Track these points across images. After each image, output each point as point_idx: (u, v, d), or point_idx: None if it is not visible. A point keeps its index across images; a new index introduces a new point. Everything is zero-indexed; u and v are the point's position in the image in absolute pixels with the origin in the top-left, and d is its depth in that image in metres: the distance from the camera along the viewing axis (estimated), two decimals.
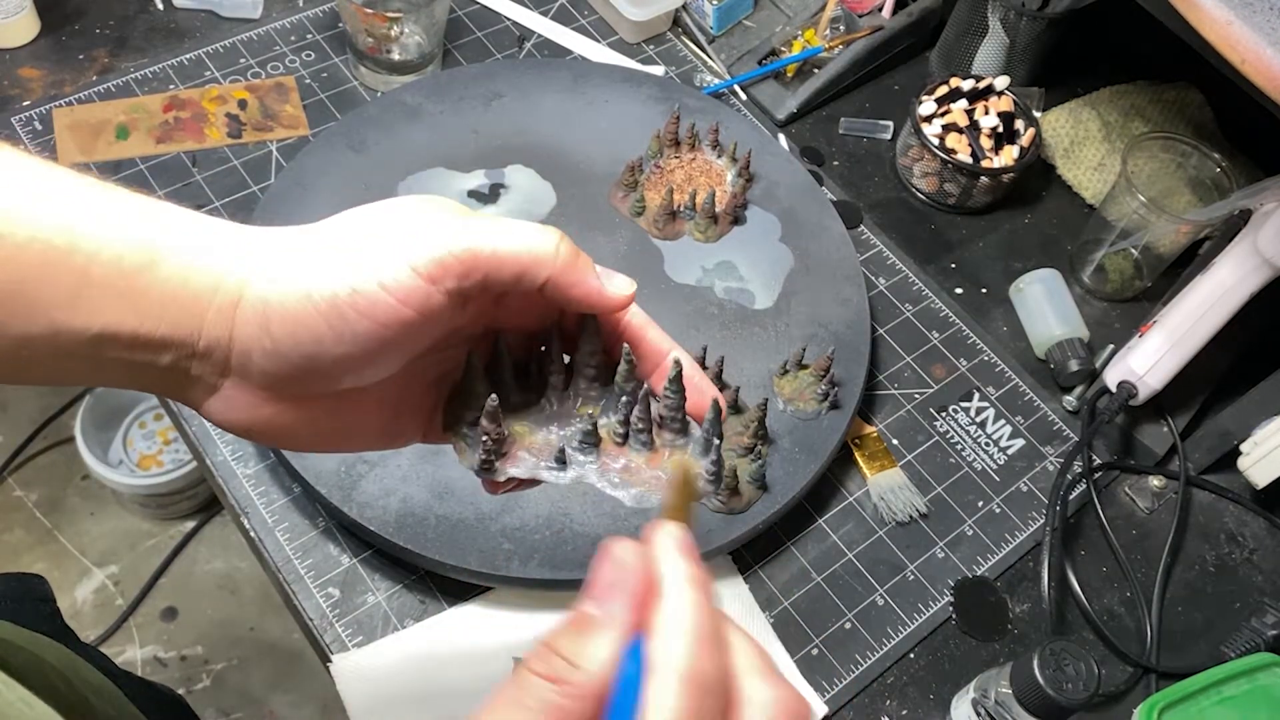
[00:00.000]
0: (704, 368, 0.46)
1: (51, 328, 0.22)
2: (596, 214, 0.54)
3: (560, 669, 0.18)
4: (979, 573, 0.49)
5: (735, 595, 0.46)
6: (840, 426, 0.48)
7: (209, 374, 0.24)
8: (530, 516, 0.44)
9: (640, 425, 0.27)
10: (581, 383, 0.28)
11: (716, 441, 0.28)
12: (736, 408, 0.47)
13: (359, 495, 0.44)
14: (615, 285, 0.25)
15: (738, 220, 0.55)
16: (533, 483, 0.28)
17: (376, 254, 0.22)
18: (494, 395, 0.26)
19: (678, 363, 0.27)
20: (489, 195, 0.54)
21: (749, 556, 0.48)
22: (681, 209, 0.54)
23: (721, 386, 0.47)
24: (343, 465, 0.45)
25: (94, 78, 0.57)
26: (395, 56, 0.58)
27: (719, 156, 0.56)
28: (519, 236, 0.23)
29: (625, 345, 0.27)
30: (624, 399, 0.27)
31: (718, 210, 0.54)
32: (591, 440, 0.27)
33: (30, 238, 0.21)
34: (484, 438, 0.26)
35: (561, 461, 0.27)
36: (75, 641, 0.47)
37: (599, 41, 0.65)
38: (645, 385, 0.27)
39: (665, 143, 0.55)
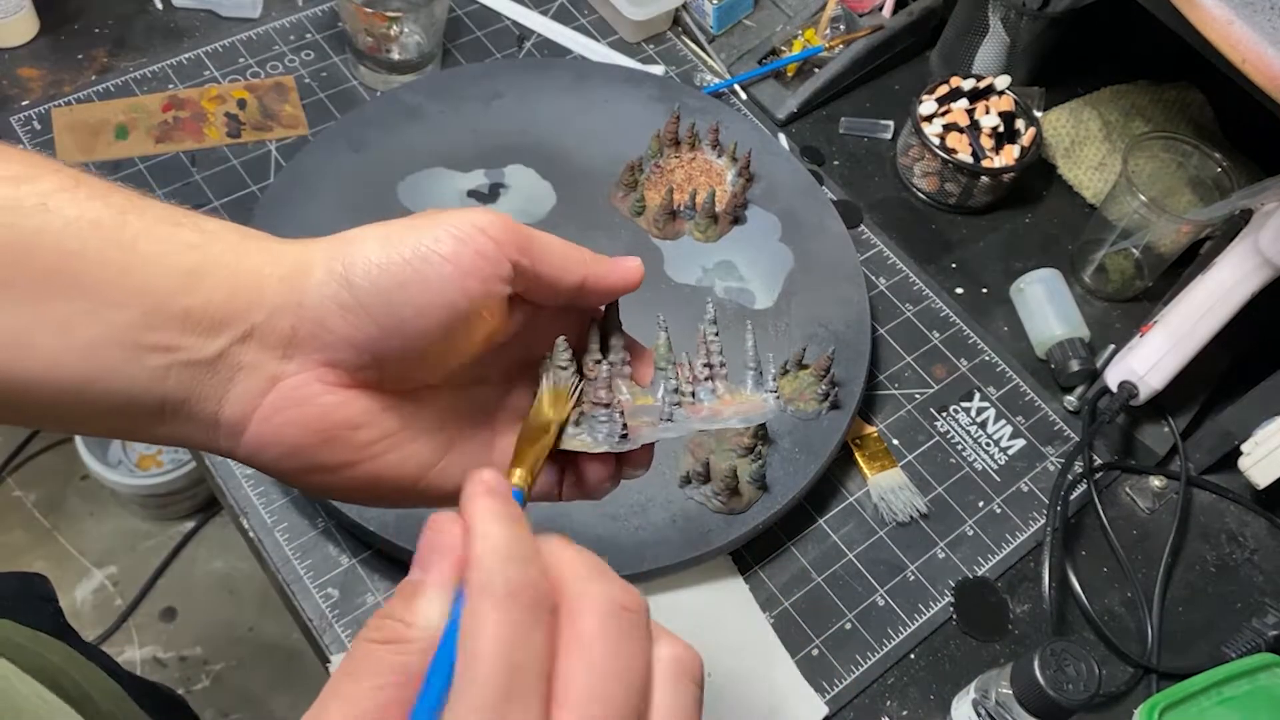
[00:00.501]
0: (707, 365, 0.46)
1: (95, 303, 0.20)
2: (596, 214, 0.54)
3: (395, 631, 0.18)
4: (979, 573, 0.49)
5: (735, 594, 0.46)
6: (840, 426, 0.48)
7: (266, 359, 0.22)
8: (531, 517, 0.44)
9: (701, 379, 0.29)
10: (627, 371, 0.28)
11: (762, 368, 0.29)
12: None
13: None
14: (630, 264, 0.26)
15: (738, 220, 0.55)
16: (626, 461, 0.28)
17: (446, 218, 0.23)
18: (600, 361, 0.27)
19: (712, 307, 0.29)
20: (488, 195, 0.54)
21: (749, 557, 0.48)
22: (681, 209, 0.54)
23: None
24: None
25: (93, 77, 0.57)
26: (395, 56, 0.58)
27: (719, 156, 0.56)
28: (557, 240, 0.25)
29: (661, 318, 0.29)
30: (669, 369, 0.29)
31: (718, 210, 0.54)
32: (676, 400, 0.28)
33: (78, 215, 0.21)
34: (607, 408, 0.26)
35: (670, 419, 0.27)
36: (77, 640, 0.47)
37: (599, 41, 0.64)
38: (684, 354, 0.29)
39: (665, 142, 0.55)
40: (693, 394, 0.28)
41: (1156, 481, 0.53)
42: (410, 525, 0.44)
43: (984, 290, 0.59)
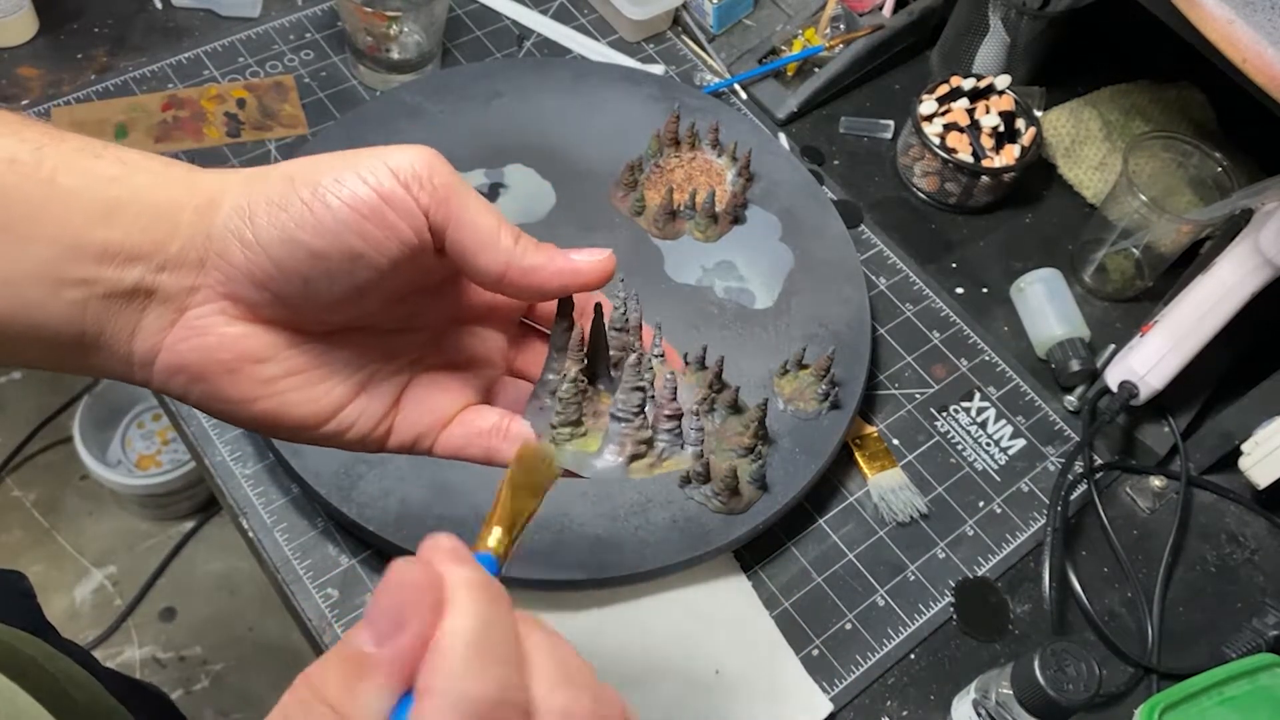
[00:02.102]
0: (703, 367, 0.46)
1: (12, 240, 0.20)
2: (596, 213, 0.54)
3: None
4: (980, 573, 0.49)
5: (739, 592, 0.46)
6: (841, 426, 0.48)
7: (177, 289, 0.22)
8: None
9: (649, 437, 0.26)
10: (603, 377, 0.27)
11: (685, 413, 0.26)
12: (736, 408, 0.47)
13: (358, 495, 0.44)
14: (587, 255, 0.24)
15: (738, 220, 0.55)
16: None
17: (356, 157, 0.22)
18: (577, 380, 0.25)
19: (639, 357, 0.25)
20: (489, 194, 0.54)
21: (749, 557, 0.48)
22: (681, 208, 0.54)
23: (722, 386, 0.47)
24: (342, 466, 0.44)
25: (92, 77, 0.57)
26: (394, 55, 0.58)
27: (719, 156, 0.56)
28: (488, 212, 0.23)
29: (635, 341, 0.26)
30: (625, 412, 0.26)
31: (718, 210, 0.54)
32: (618, 455, 0.26)
33: None
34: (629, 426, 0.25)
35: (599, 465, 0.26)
36: (55, 637, 0.47)
37: (599, 40, 0.64)
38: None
39: (665, 142, 0.55)
40: (632, 456, 0.26)
41: (1157, 481, 0.53)
42: (410, 524, 0.44)
43: (984, 290, 0.59)
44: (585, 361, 0.26)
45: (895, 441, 0.52)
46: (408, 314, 0.25)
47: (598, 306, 0.27)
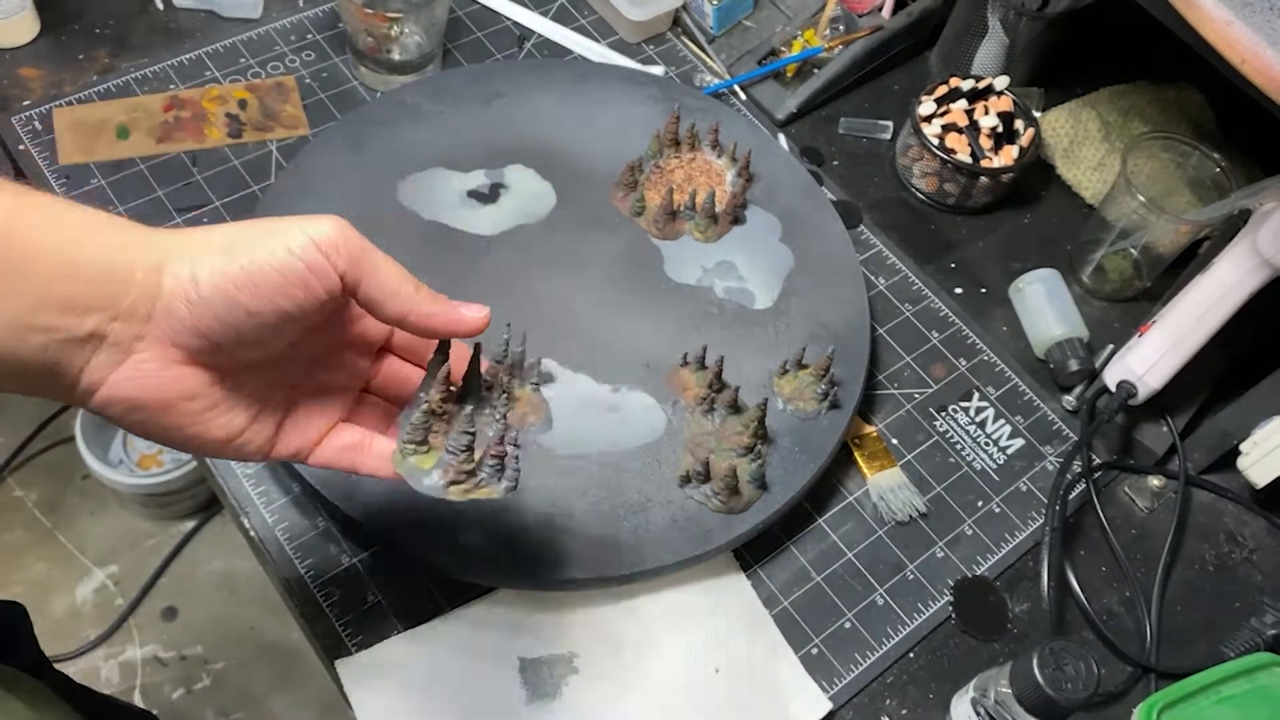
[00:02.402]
0: (703, 367, 0.46)
1: None
2: (596, 213, 0.54)
3: None
4: (979, 572, 0.49)
5: (738, 591, 0.46)
6: (840, 425, 0.49)
7: (127, 336, 0.27)
8: (530, 518, 0.44)
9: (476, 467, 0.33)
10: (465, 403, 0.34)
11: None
12: (736, 407, 0.47)
13: (360, 495, 0.44)
14: (467, 316, 0.31)
15: (738, 220, 0.55)
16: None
17: (288, 230, 0.27)
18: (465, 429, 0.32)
19: (471, 414, 0.33)
20: (489, 195, 0.54)
21: (749, 556, 0.48)
22: (681, 209, 0.54)
23: (721, 386, 0.47)
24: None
25: (94, 77, 0.57)
26: (395, 56, 0.58)
27: (719, 156, 0.56)
28: (394, 268, 0.29)
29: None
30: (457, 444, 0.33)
31: (718, 210, 0.54)
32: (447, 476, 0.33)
33: None
34: (458, 456, 0.32)
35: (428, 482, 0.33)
36: (48, 669, 0.47)
37: (599, 41, 0.65)
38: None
39: (665, 142, 0.55)
40: (452, 481, 0.32)
41: (1155, 481, 0.53)
42: (414, 524, 0.44)
43: (983, 290, 0.59)
44: (449, 391, 0.33)
45: (894, 441, 0.53)
46: (296, 346, 0.30)
47: (476, 346, 0.34)
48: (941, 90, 0.60)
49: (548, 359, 0.48)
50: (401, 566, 0.45)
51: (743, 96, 0.64)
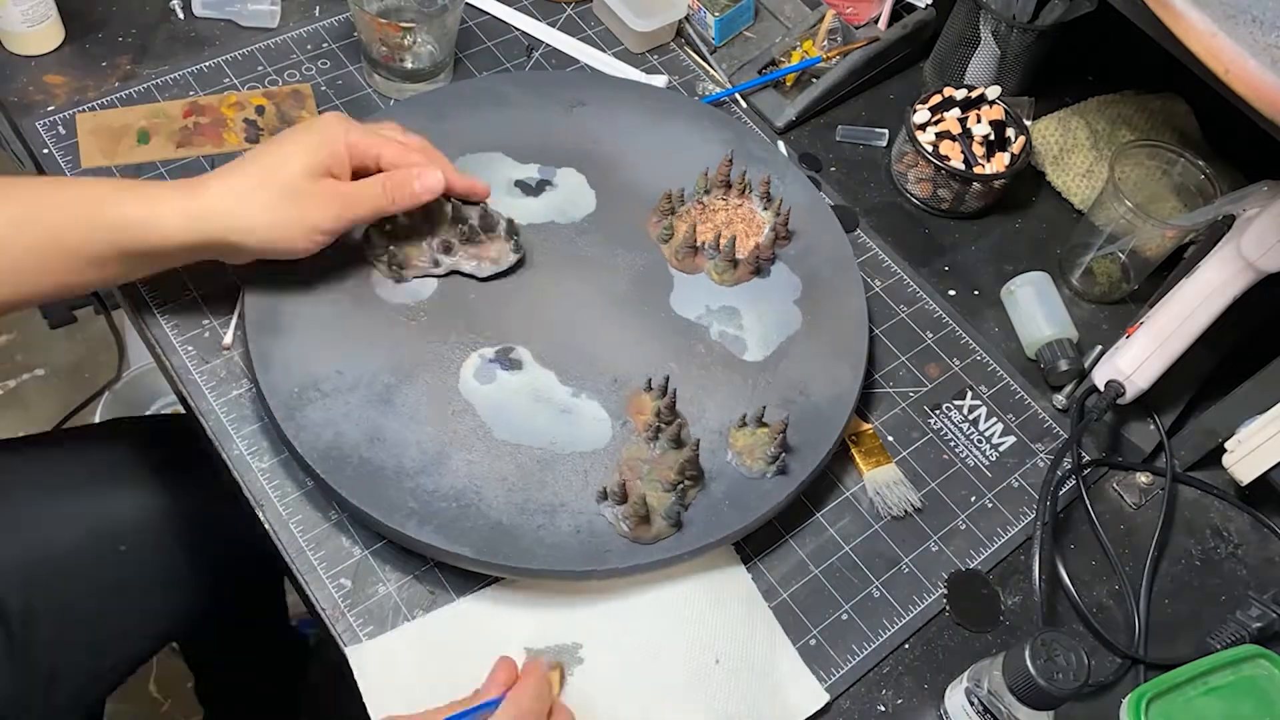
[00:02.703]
0: (663, 394, 0.47)
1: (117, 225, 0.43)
2: (627, 231, 0.55)
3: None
4: (972, 566, 0.50)
5: (738, 583, 0.47)
6: (782, 493, 0.46)
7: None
8: (445, 485, 0.45)
9: (472, 231, 0.50)
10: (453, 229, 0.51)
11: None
12: (679, 441, 0.47)
13: (303, 419, 0.46)
14: (425, 184, 0.47)
15: (759, 271, 0.54)
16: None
17: (297, 226, 0.46)
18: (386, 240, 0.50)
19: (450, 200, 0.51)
20: (535, 188, 0.55)
21: (748, 549, 0.49)
22: (705, 247, 0.54)
23: (671, 418, 0.47)
24: (298, 388, 0.47)
25: (116, 84, 0.59)
26: (408, 65, 0.60)
27: (764, 209, 0.56)
28: (369, 194, 0.47)
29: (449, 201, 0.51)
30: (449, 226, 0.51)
31: (738, 256, 0.53)
32: (448, 246, 0.50)
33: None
34: (385, 254, 0.50)
35: (436, 263, 0.51)
36: None
37: (605, 51, 0.66)
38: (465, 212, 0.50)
39: (715, 183, 0.55)
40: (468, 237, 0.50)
41: (1143, 478, 0.55)
42: (334, 459, 0.45)
43: (976, 292, 0.61)
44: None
45: (890, 438, 0.54)
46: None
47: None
48: (936, 99, 0.62)
49: (521, 346, 0.49)
50: (411, 557, 0.46)
51: (743, 105, 0.66)
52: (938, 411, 0.55)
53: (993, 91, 0.62)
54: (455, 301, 0.51)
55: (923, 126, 0.61)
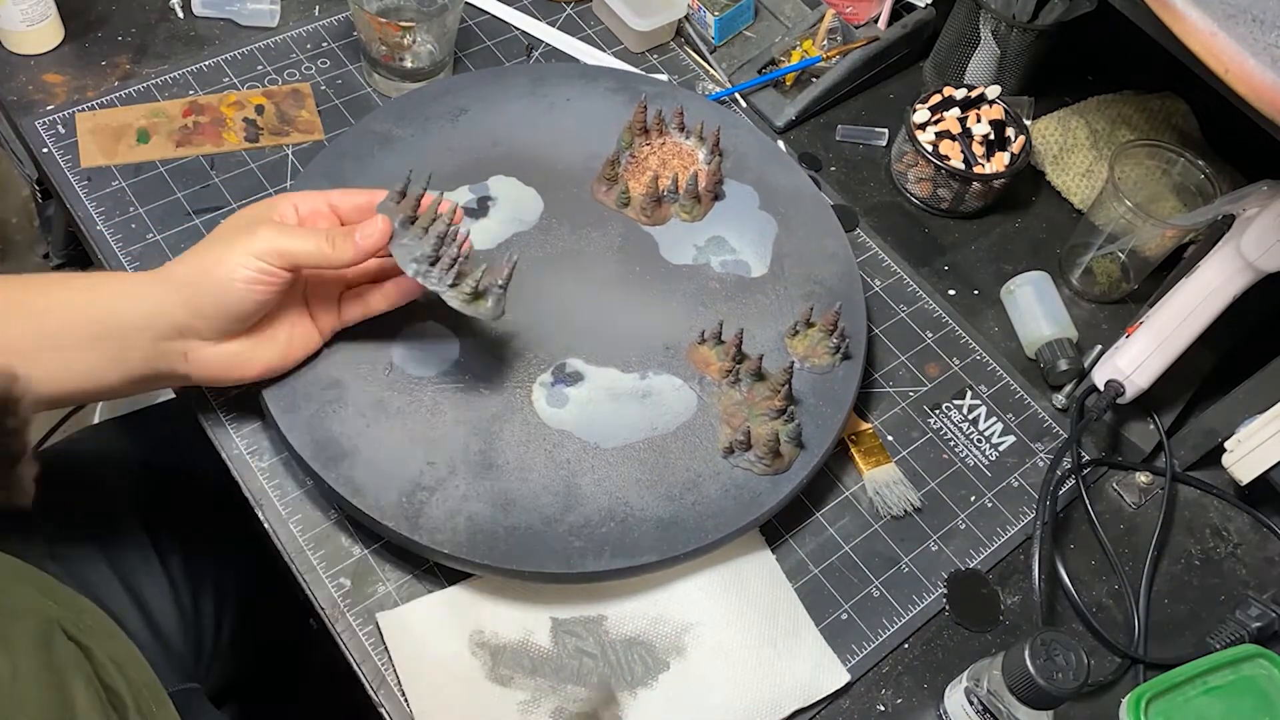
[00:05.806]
0: (720, 342, 0.49)
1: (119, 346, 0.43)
2: (584, 211, 0.55)
3: None
4: (971, 565, 0.50)
5: (764, 565, 0.48)
6: (855, 374, 0.51)
7: (180, 345, 0.43)
8: (592, 511, 0.45)
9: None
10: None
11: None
12: (760, 374, 0.49)
13: (428, 522, 0.44)
14: (368, 240, 0.43)
15: (718, 196, 0.56)
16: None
17: (236, 255, 0.41)
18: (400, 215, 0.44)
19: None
20: (478, 209, 0.54)
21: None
22: (665, 193, 0.55)
23: (743, 357, 0.49)
24: (404, 496, 0.44)
25: (116, 83, 0.59)
26: (408, 64, 0.60)
27: (687, 138, 0.57)
28: (309, 246, 0.42)
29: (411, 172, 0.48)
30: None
31: (700, 189, 0.55)
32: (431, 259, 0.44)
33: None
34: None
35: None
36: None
37: (604, 50, 0.66)
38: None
39: (635, 132, 0.56)
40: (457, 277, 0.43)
41: (1143, 477, 0.55)
42: (481, 542, 0.44)
43: (975, 292, 0.61)
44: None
45: (890, 438, 0.54)
46: (287, 295, 0.45)
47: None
48: (935, 99, 0.62)
49: (573, 358, 0.49)
50: (410, 557, 0.46)
51: (743, 104, 0.66)
52: (937, 411, 0.55)
53: (992, 91, 0.62)
54: (482, 348, 0.49)
55: (922, 126, 0.61)
